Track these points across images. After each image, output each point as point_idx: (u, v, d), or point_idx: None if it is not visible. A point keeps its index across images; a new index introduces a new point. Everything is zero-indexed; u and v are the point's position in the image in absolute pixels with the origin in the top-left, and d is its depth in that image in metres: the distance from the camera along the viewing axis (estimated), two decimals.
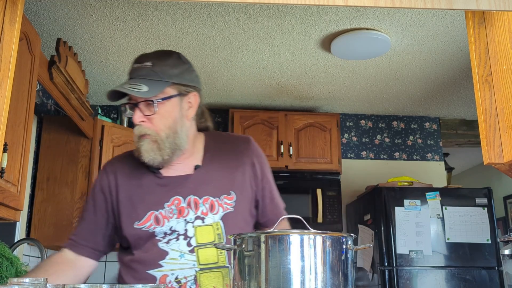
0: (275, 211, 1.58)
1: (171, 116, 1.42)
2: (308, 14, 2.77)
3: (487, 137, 1.24)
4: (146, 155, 1.41)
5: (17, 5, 1.17)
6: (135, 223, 1.43)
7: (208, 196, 1.44)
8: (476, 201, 3.50)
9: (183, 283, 1.38)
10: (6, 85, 1.13)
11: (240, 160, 1.52)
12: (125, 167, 1.51)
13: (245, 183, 1.50)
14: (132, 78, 1.42)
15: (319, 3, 1.11)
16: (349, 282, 1.04)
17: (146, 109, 1.40)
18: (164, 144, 1.40)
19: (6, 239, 2.47)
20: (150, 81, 1.39)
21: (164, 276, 1.39)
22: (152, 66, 1.41)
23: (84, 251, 1.49)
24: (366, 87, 3.85)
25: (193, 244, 1.41)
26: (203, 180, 1.46)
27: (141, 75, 1.40)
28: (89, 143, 3.43)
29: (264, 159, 1.58)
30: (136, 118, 1.40)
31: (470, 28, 1.31)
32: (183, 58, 1.49)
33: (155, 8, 2.70)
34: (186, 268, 1.39)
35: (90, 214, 1.51)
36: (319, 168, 3.90)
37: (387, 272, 3.34)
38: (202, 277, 1.39)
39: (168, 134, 1.41)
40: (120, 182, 1.48)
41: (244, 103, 4.17)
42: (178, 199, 1.43)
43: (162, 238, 1.41)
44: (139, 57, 1.46)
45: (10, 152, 1.90)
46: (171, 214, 1.42)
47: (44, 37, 2.96)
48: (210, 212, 1.43)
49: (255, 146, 1.58)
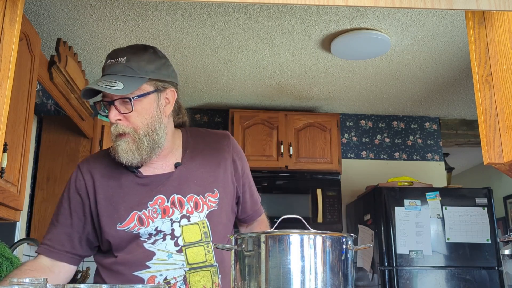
0: (254, 207, 1.59)
1: (149, 113, 1.36)
2: (308, 14, 2.77)
3: (487, 137, 1.24)
4: (124, 155, 1.36)
5: (17, 5, 1.17)
6: (117, 225, 1.38)
7: (192, 194, 1.42)
8: (476, 201, 3.50)
9: (173, 284, 1.36)
10: (6, 85, 1.13)
11: (221, 156, 1.50)
12: (101, 167, 1.45)
13: (227, 179, 1.49)
14: (107, 75, 1.35)
15: (319, 3, 1.11)
16: (349, 282, 1.04)
17: (123, 107, 1.35)
18: (142, 143, 1.36)
19: (6, 239, 2.47)
20: (126, 77, 1.33)
21: (152, 277, 1.36)
22: (127, 61, 1.35)
23: (61, 257, 1.41)
24: (366, 87, 3.85)
25: (180, 243, 1.39)
26: (185, 178, 1.43)
27: (116, 71, 1.34)
28: (89, 143, 3.43)
29: (243, 155, 1.57)
30: (112, 117, 1.35)
31: (470, 28, 1.31)
32: (159, 53, 1.43)
33: (155, 8, 2.70)
34: (175, 269, 1.37)
35: (65, 217, 1.43)
36: (319, 168, 3.90)
37: (387, 272, 3.34)
38: (191, 276, 1.37)
39: (146, 131, 1.36)
40: (98, 183, 1.42)
41: (244, 103, 4.17)
42: (162, 198, 1.40)
43: (147, 239, 1.38)
44: (113, 52, 1.40)
45: (10, 152, 1.90)
46: (155, 214, 1.39)
47: (44, 37, 2.96)
48: (195, 211, 1.41)
49: (234, 142, 1.56)
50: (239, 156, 1.54)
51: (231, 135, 1.58)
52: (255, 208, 1.60)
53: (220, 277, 1.42)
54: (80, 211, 1.42)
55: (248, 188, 1.56)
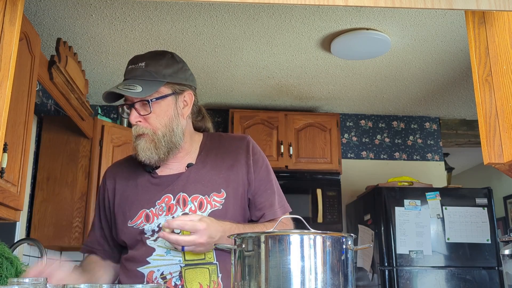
0: (270, 209, 1.54)
1: (167, 115, 1.44)
2: (308, 14, 2.77)
3: (487, 137, 1.24)
4: (143, 154, 1.44)
5: (17, 5, 1.17)
6: (128, 222, 1.46)
7: (197, 194, 1.45)
8: (476, 201, 3.50)
9: (168, 279, 1.39)
10: (6, 85, 1.13)
11: (235, 158, 1.52)
12: (124, 170, 1.56)
13: (238, 181, 1.49)
14: (127, 80, 1.45)
15: (319, 3, 1.11)
16: (349, 282, 1.04)
17: (142, 109, 1.43)
18: (160, 143, 1.43)
19: (6, 239, 2.47)
20: (145, 81, 1.42)
21: (151, 273, 1.41)
22: (145, 66, 1.44)
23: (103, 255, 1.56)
24: (366, 87, 3.85)
25: None
26: (193, 179, 1.47)
27: (136, 75, 1.43)
28: (89, 143, 3.43)
29: (261, 157, 1.56)
30: (132, 119, 1.44)
31: (470, 28, 1.31)
32: (176, 58, 1.51)
33: (155, 8, 2.70)
34: (172, 264, 1.40)
35: (97, 222, 1.58)
36: (319, 168, 3.90)
37: (387, 272, 3.34)
38: (187, 273, 1.40)
39: (164, 132, 1.44)
40: (118, 185, 1.53)
41: (244, 103, 4.17)
42: (169, 197, 1.45)
43: (150, 236, 1.43)
44: (133, 58, 1.49)
45: (10, 152, 1.90)
46: (161, 211, 1.44)
47: (44, 37, 2.96)
48: (199, 210, 1.43)
49: (253, 145, 1.56)
50: (255, 158, 1.53)
51: (250, 138, 1.58)
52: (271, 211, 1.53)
53: (221, 276, 1.42)
54: (106, 214, 1.56)
55: (263, 190, 1.53)
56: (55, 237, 3.25)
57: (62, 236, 3.26)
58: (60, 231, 3.26)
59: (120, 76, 3.59)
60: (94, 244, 1.57)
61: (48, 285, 1.02)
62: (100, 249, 1.56)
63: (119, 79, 3.64)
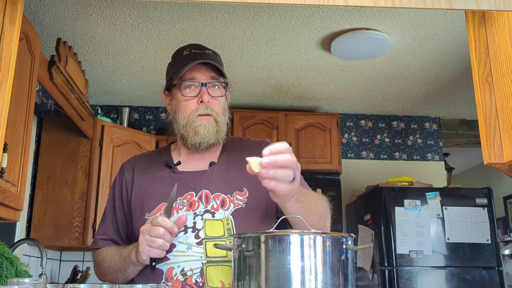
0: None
1: (224, 105, 1.52)
2: (308, 14, 2.77)
3: (487, 137, 1.24)
4: (204, 131, 1.44)
5: (17, 5, 1.17)
6: (146, 214, 1.42)
7: (219, 193, 1.44)
8: (476, 201, 3.50)
9: (189, 276, 1.35)
10: (6, 85, 1.13)
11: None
12: (143, 164, 1.54)
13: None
14: (202, 60, 1.45)
15: (319, 3, 1.11)
16: (349, 282, 1.04)
17: (214, 91, 1.49)
18: (220, 128, 1.47)
19: (6, 239, 2.48)
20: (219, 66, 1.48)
21: (170, 269, 1.36)
22: (214, 54, 1.49)
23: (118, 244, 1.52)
24: (366, 87, 3.85)
25: (201, 236, 1.38)
26: (216, 177, 1.47)
27: (210, 58, 1.47)
28: (89, 143, 3.43)
29: None
30: (205, 98, 1.45)
31: (470, 28, 1.31)
32: None
33: (155, 8, 2.70)
34: (193, 260, 1.36)
35: (111, 216, 1.52)
36: (319, 168, 3.90)
37: (387, 272, 3.34)
38: (209, 269, 1.35)
39: (223, 121, 1.49)
40: (136, 178, 1.50)
41: (244, 103, 4.18)
42: (191, 194, 1.43)
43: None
44: (193, 45, 1.52)
45: (10, 152, 1.90)
46: (182, 206, 1.41)
47: (44, 37, 2.96)
48: (221, 208, 1.42)
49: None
50: None
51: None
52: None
53: None
54: (123, 207, 1.51)
55: None
56: (55, 237, 3.25)
57: (62, 236, 3.26)
58: (60, 231, 3.26)
59: (120, 76, 3.59)
60: (110, 234, 1.50)
61: (48, 285, 1.02)
62: (112, 241, 1.51)
63: (119, 79, 3.64)
